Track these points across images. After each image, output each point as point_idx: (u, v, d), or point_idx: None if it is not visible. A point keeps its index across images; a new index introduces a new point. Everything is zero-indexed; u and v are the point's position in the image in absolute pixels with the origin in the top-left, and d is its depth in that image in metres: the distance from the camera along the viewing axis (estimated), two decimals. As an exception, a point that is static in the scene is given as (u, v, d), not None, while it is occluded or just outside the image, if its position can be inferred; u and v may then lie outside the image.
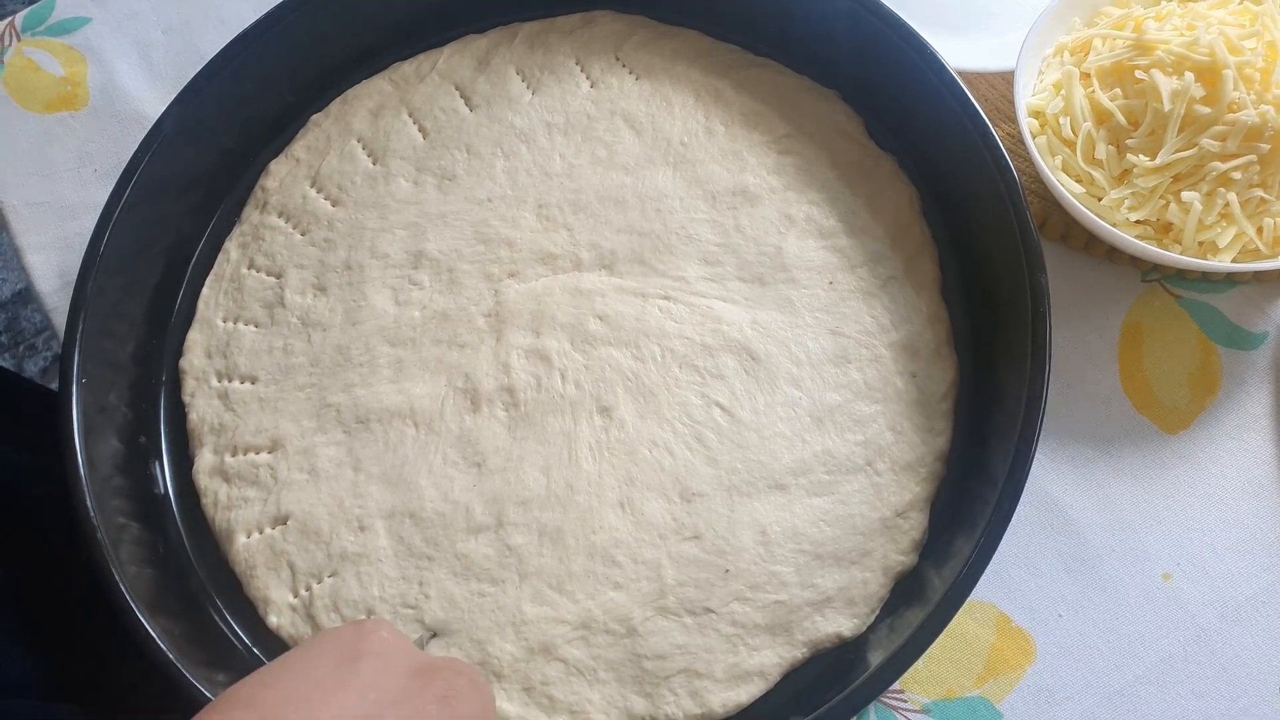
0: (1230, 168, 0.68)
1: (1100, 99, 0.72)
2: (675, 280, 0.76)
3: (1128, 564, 0.70)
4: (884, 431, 0.71)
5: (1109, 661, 0.67)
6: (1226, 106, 0.69)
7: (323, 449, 0.74)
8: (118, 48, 0.91)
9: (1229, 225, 0.70)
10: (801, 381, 0.72)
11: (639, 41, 0.84)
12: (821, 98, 0.81)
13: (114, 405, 0.74)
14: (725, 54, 0.84)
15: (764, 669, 0.66)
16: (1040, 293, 0.67)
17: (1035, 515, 0.71)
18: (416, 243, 0.79)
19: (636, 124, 0.81)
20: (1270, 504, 0.71)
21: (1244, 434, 0.73)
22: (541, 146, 0.81)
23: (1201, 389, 0.74)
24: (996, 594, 0.70)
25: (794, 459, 0.70)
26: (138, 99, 0.89)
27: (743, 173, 0.79)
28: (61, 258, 0.84)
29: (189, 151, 0.80)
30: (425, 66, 0.85)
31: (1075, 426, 0.74)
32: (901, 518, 0.69)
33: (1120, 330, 0.76)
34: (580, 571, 0.69)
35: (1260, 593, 0.68)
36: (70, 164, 0.87)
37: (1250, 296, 0.76)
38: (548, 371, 0.74)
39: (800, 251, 0.76)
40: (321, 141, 0.83)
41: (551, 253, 0.77)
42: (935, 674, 0.68)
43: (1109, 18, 0.77)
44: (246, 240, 0.81)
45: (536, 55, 0.85)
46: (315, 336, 0.77)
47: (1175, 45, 0.71)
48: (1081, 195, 0.72)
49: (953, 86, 0.73)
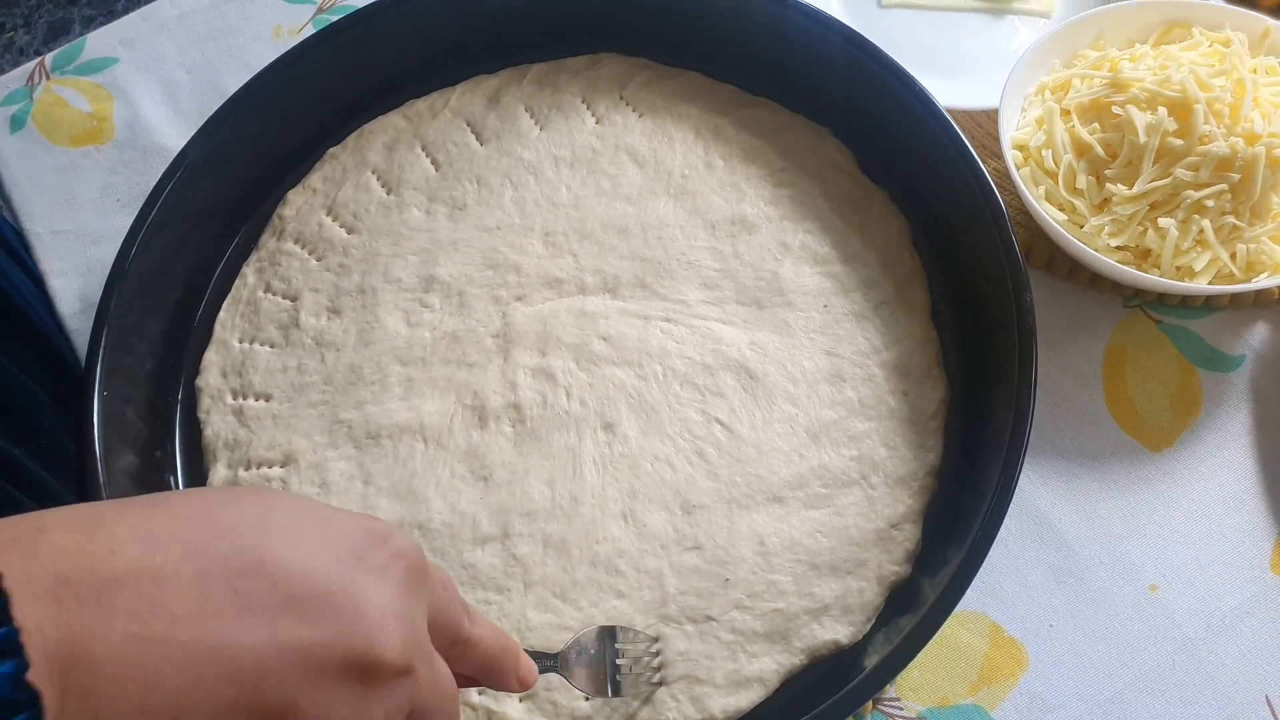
0: (1203, 196, 0.72)
1: (1080, 133, 0.76)
2: (676, 303, 0.79)
3: (1115, 576, 0.72)
4: (878, 447, 0.73)
5: (1099, 670, 0.69)
6: (1198, 139, 0.72)
7: (334, 463, 0.76)
8: (143, 86, 0.96)
9: (1204, 250, 0.73)
10: (798, 399, 0.75)
11: (642, 81, 0.89)
12: (816, 134, 0.85)
13: (131, 420, 0.76)
14: (724, 93, 0.88)
15: (763, 675, 0.68)
16: (1026, 311, 0.70)
17: (1025, 529, 0.74)
18: (428, 268, 0.82)
19: (639, 158, 0.85)
20: (1252, 518, 0.73)
21: (1225, 451, 0.75)
22: (549, 178, 0.85)
23: (1183, 409, 0.77)
24: (989, 605, 0.71)
25: (791, 473, 0.73)
26: (161, 133, 0.93)
27: (741, 203, 0.82)
28: (83, 282, 0.87)
29: (210, 180, 0.83)
30: (439, 103, 0.89)
31: (1063, 445, 0.76)
32: (895, 529, 0.71)
33: (1104, 353, 0.79)
34: (584, 580, 0.71)
35: (1244, 603, 0.70)
36: (94, 194, 0.91)
37: (1227, 322, 0.80)
38: (553, 389, 0.76)
39: (796, 277, 0.79)
40: (338, 173, 0.87)
41: (557, 277, 0.81)
42: (930, 682, 0.70)
43: (1086, 59, 0.82)
44: (263, 265, 0.84)
45: (545, 94, 0.89)
46: (329, 356, 0.79)
47: (1149, 83, 0.75)
48: (1064, 222, 0.76)
49: (942, 122, 0.78)
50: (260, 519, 0.40)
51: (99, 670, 0.34)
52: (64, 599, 0.34)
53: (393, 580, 0.42)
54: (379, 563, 0.42)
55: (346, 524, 0.43)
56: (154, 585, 0.36)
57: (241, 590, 0.38)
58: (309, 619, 0.39)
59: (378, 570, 0.42)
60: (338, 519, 0.43)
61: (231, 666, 0.37)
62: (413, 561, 0.44)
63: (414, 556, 0.44)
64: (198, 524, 0.39)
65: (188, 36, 0.98)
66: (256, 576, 0.38)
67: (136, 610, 0.35)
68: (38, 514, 0.37)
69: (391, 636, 0.40)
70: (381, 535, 0.43)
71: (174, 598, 0.36)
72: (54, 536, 0.36)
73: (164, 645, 0.35)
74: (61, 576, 0.35)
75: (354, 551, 0.42)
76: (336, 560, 0.41)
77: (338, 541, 0.42)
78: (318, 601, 0.39)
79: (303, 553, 0.40)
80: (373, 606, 0.40)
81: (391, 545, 0.43)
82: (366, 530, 0.43)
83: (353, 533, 0.43)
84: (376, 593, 0.41)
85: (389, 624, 0.41)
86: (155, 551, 0.37)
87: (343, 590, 0.40)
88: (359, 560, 0.42)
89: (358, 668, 0.39)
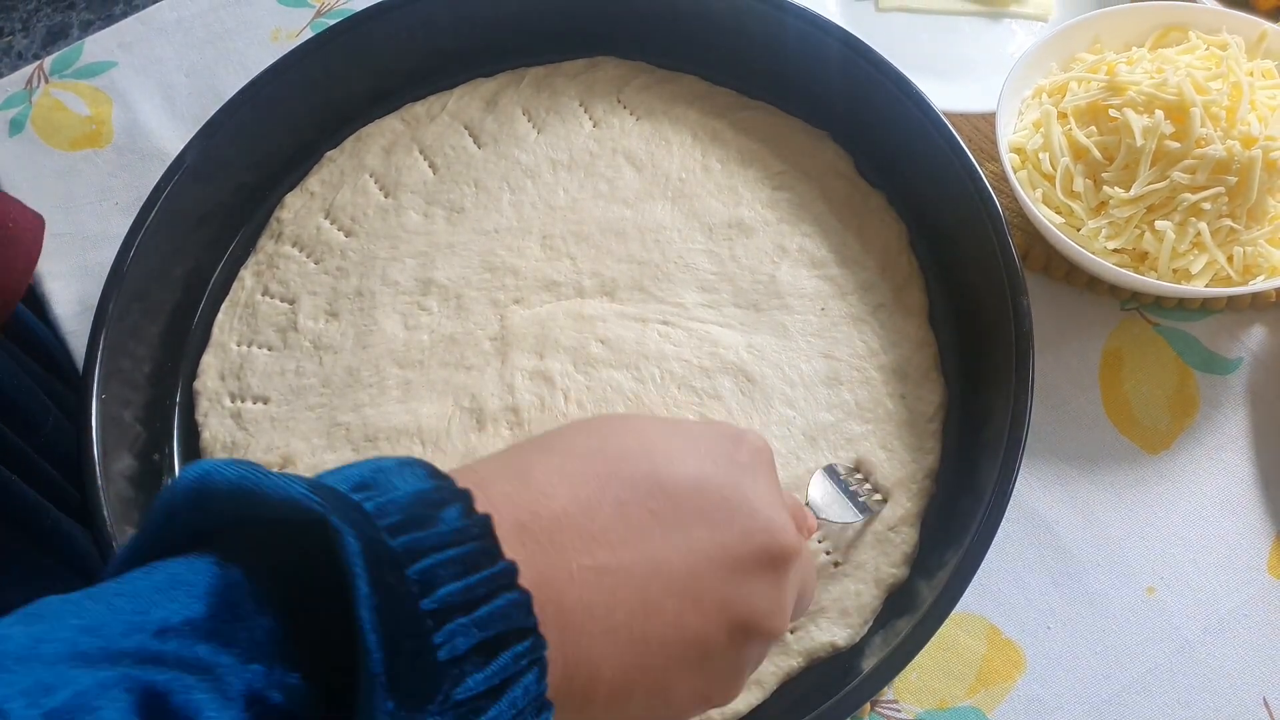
0: (1200, 199, 0.72)
1: (1077, 136, 0.77)
2: (674, 306, 0.79)
3: (1113, 578, 0.72)
4: (875, 449, 0.74)
5: (1097, 672, 0.69)
6: (1195, 142, 0.73)
7: (332, 465, 0.76)
8: (142, 90, 0.96)
9: (1201, 253, 0.73)
10: (795, 402, 0.75)
11: (640, 85, 0.89)
12: (814, 137, 0.85)
13: (129, 423, 0.76)
14: (721, 97, 0.88)
15: (761, 678, 0.68)
16: (1023, 314, 0.70)
17: (1023, 532, 0.74)
18: (426, 271, 0.82)
19: (637, 161, 0.85)
20: (1249, 521, 0.73)
21: (1222, 454, 0.75)
22: (546, 182, 0.85)
23: (1180, 411, 0.77)
24: (986, 607, 0.72)
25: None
26: (160, 137, 0.93)
27: (738, 206, 0.82)
28: (81, 285, 0.87)
29: (208, 184, 0.83)
30: (436, 107, 0.89)
31: (1060, 447, 0.76)
32: (893, 531, 0.71)
33: (1101, 356, 0.79)
34: (581, 583, 0.70)
35: (1241, 606, 0.71)
36: (92, 198, 0.91)
37: (1224, 324, 0.80)
38: (551, 392, 0.76)
39: (793, 280, 0.79)
40: (335, 176, 0.87)
41: (555, 281, 0.81)
42: (928, 685, 0.70)
43: (1084, 63, 0.82)
44: (261, 269, 0.84)
45: (542, 97, 0.89)
46: (326, 359, 0.80)
47: (1146, 86, 0.75)
48: (1061, 225, 0.76)
49: (940, 126, 0.78)
50: (641, 445, 0.44)
51: (565, 602, 0.38)
52: (526, 542, 0.37)
53: (762, 473, 0.46)
54: (746, 460, 0.46)
55: (706, 432, 0.46)
56: (587, 520, 0.40)
57: (655, 511, 0.41)
58: (718, 524, 0.43)
59: (749, 467, 0.46)
60: (696, 430, 0.46)
61: (669, 579, 0.40)
62: (764, 450, 0.48)
63: (765, 446, 0.48)
64: (598, 460, 0.42)
65: (186, 40, 0.99)
66: (662, 497, 0.42)
67: (581, 544, 0.39)
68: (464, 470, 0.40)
69: (786, 523, 0.45)
70: (736, 435, 0.47)
71: (605, 529, 0.40)
72: (497, 488, 0.39)
73: (612, 573, 0.39)
74: (519, 523, 0.38)
75: (725, 455, 0.45)
76: (715, 466, 0.44)
77: (709, 450, 0.45)
78: (718, 507, 0.43)
79: (689, 467, 0.43)
80: (760, 500, 0.44)
81: (747, 441, 0.47)
82: (723, 434, 0.47)
83: (716, 438, 0.46)
84: (756, 487, 0.45)
85: (778, 513, 0.45)
86: (578, 490, 0.40)
87: (734, 492, 0.44)
88: (731, 462, 0.45)
89: (766, 558, 0.43)
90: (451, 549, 0.34)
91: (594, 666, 0.39)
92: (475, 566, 0.34)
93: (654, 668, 0.40)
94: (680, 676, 0.41)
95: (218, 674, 0.30)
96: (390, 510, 0.34)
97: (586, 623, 0.38)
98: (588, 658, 0.38)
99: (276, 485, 0.34)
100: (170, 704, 0.29)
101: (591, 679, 0.39)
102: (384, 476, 0.36)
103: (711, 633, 0.42)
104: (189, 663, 0.30)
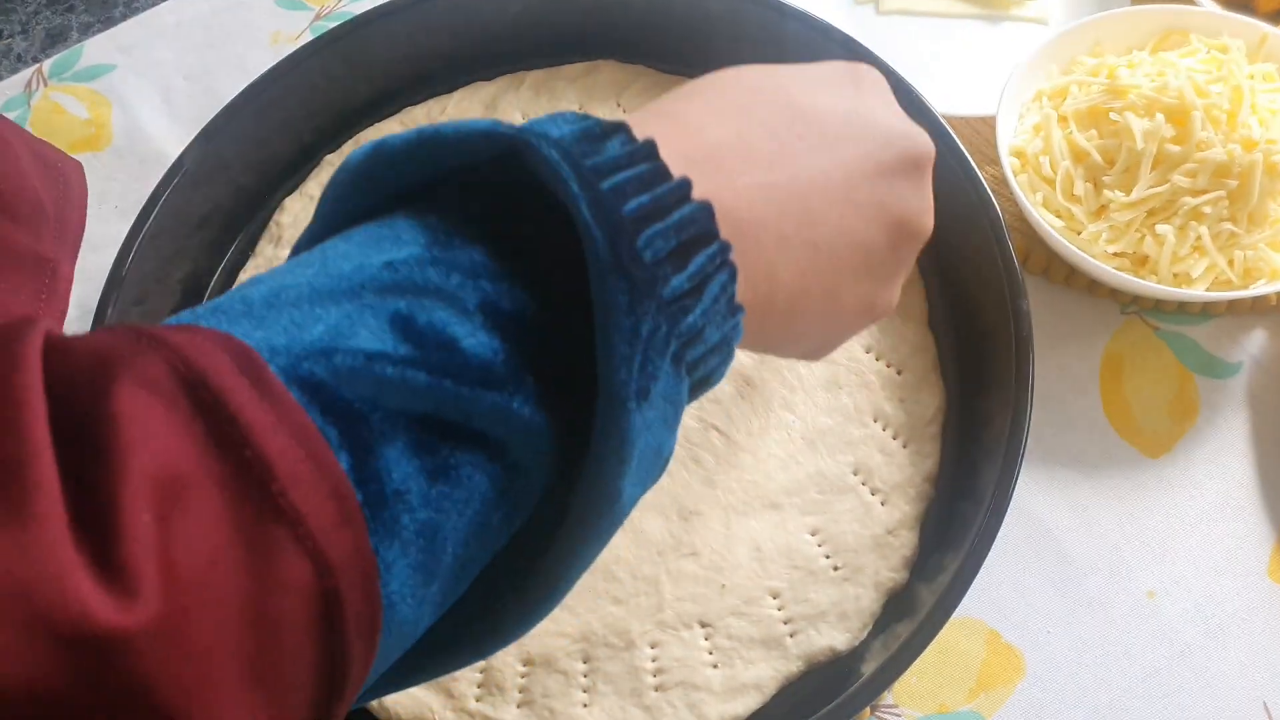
0: (1201, 202, 0.72)
1: (1077, 139, 0.76)
2: (674, 310, 0.79)
3: (1113, 582, 0.72)
4: (874, 454, 0.73)
5: (1097, 676, 0.69)
6: (1195, 145, 0.73)
7: (331, 469, 0.76)
8: (141, 92, 0.96)
9: (1201, 257, 0.73)
10: (795, 406, 0.75)
11: (640, 89, 0.89)
12: (813, 141, 0.85)
13: (128, 427, 0.76)
14: (721, 100, 0.88)
15: (760, 682, 0.68)
16: (1023, 317, 0.70)
17: (1023, 536, 0.74)
18: (425, 274, 0.82)
19: (637, 164, 0.85)
20: (1250, 524, 0.73)
21: (1222, 458, 0.75)
22: (546, 185, 0.85)
23: (1180, 415, 0.77)
24: (986, 611, 0.71)
25: (788, 479, 0.72)
26: (159, 140, 0.93)
27: (738, 210, 0.82)
28: (79, 289, 0.86)
29: (207, 187, 0.83)
30: (435, 110, 0.89)
31: (1060, 452, 0.76)
32: (892, 535, 0.71)
33: (1101, 359, 0.79)
34: (580, 587, 0.70)
35: (1241, 610, 0.70)
36: (92, 201, 0.90)
37: (1225, 328, 0.80)
38: (550, 396, 0.76)
39: (793, 283, 0.79)
40: (335, 179, 0.87)
41: (555, 284, 0.80)
42: (928, 689, 0.70)
43: (1084, 66, 0.82)
44: (260, 273, 0.84)
45: (542, 101, 0.89)
46: (325, 362, 0.79)
47: (1146, 89, 0.75)
48: (1061, 229, 0.76)
49: (940, 129, 0.77)
50: (769, 81, 0.45)
51: (739, 216, 0.39)
52: (692, 168, 0.38)
53: (883, 95, 0.48)
54: (868, 85, 0.47)
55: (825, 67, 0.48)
56: (744, 145, 0.41)
57: (803, 134, 0.43)
58: (861, 139, 0.44)
59: (871, 90, 0.47)
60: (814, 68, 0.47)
61: (826, 190, 0.42)
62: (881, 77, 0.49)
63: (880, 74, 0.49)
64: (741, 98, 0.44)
65: (186, 43, 0.98)
66: (805, 122, 0.43)
67: (741, 166, 0.41)
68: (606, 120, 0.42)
69: (920, 131, 0.47)
70: (852, 65, 0.48)
71: (762, 152, 0.42)
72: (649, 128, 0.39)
73: (777, 187, 0.41)
74: (682, 152, 0.39)
75: (848, 81, 0.47)
76: (842, 92, 0.46)
77: (828, 79, 0.46)
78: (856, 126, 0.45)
79: (818, 96, 0.45)
80: (894, 115, 0.47)
81: (861, 67, 0.48)
82: (839, 67, 0.48)
83: (832, 69, 0.47)
84: (884, 106, 0.47)
85: (910, 123, 0.47)
86: (728, 123, 0.42)
87: (867, 110, 0.46)
88: (856, 86, 0.47)
89: (910, 161, 0.45)
90: (628, 170, 0.35)
91: (772, 270, 0.40)
92: (653, 183, 0.36)
93: (825, 270, 0.42)
94: (847, 281, 0.44)
95: (451, 292, 0.33)
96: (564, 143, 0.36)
97: (759, 233, 0.40)
98: (766, 263, 0.40)
99: (454, 127, 0.35)
100: (417, 324, 0.32)
101: (770, 285, 0.40)
102: (537, 124, 0.37)
103: (873, 234, 0.44)
104: (422, 287, 0.33)
